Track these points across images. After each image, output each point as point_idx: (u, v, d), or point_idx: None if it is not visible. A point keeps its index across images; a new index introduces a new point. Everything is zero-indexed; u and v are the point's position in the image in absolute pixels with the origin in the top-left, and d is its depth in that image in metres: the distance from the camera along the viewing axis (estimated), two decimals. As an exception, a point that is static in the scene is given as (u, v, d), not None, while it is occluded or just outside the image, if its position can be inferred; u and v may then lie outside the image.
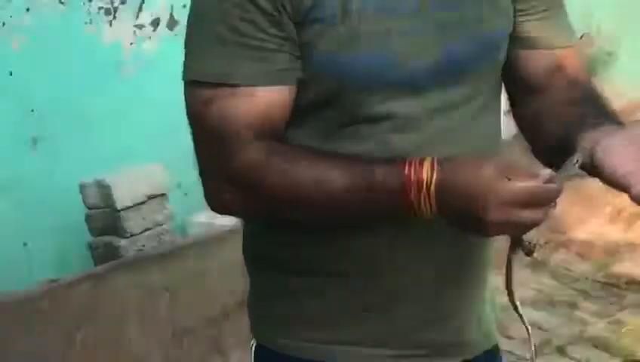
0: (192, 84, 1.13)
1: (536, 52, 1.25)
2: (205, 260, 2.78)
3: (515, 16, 1.22)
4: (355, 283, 1.22)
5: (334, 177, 1.09)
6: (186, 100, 1.16)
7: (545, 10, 1.23)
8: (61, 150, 2.82)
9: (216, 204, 1.18)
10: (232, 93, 1.12)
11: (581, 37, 4.67)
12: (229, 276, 2.69)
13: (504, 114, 1.31)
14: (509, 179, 0.99)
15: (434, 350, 1.24)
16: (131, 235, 2.77)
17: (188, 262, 2.75)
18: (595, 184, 1.16)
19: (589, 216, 3.83)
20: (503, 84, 1.31)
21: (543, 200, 0.99)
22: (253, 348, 1.31)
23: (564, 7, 1.30)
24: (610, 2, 4.53)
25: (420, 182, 1.02)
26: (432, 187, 1.02)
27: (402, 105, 1.14)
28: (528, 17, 1.23)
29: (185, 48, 1.14)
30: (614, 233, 3.85)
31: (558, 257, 3.65)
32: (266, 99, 1.12)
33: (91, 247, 2.80)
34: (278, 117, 1.14)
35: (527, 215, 0.98)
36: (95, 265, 2.71)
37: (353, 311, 1.24)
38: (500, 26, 1.20)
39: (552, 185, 1.01)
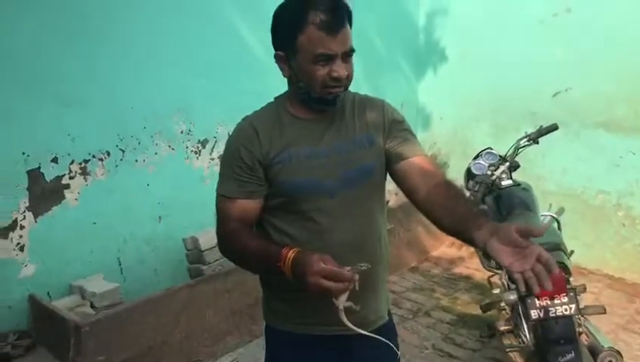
0: (217, 195, 1.69)
1: (403, 161, 1.65)
2: (245, 275, 2.91)
3: (386, 149, 1.66)
4: (296, 295, 1.64)
5: (253, 246, 1.57)
6: (215, 199, 1.71)
7: (402, 141, 1.67)
8: (175, 224, 3.85)
9: (220, 251, 1.76)
10: (227, 200, 1.66)
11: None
12: (257, 283, 3.20)
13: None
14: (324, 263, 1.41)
15: (342, 328, 1.55)
16: (209, 263, 3.75)
17: (237, 276, 3.54)
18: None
19: (439, 243, 4.93)
20: (384, 191, 1.75)
21: (337, 277, 1.40)
22: (264, 326, 1.88)
23: (413, 136, 1.71)
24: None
25: (285, 256, 1.48)
26: (290, 259, 1.47)
27: (323, 204, 1.63)
28: (393, 146, 1.67)
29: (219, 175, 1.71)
30: (452, 251, 4.91)
31: (424, 265, 4.73)
32: (241, 204, 1.64)
33: (189, 270, 3.83)
34: (249, 213, 1.66)
35: (327, 284, 1.40)
36: (190, 278, 3.72)
37: (294, 306, 1.72)
38: (372, 160, 1.66)
39: (343, 272, 1.41)
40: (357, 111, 1.71)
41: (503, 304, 3.21)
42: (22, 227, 3.20)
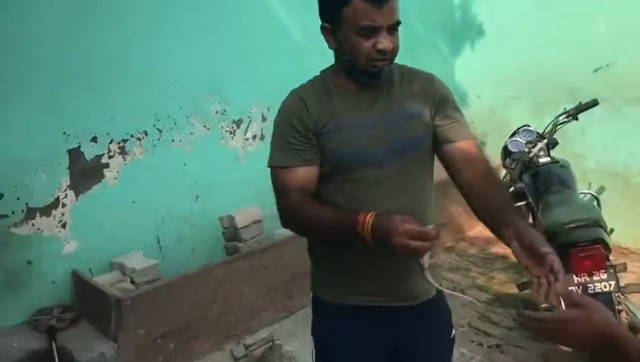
0: (271, 168, 1.69)
1: (450, 145, 1.65)
2: (281, 252, 3.68)
3: (434, 126, 1.66)
4: (346, 266, 1.69)
5: (327, 215, 1.57)
6: (271, 177, 1.71)
7: (452, 123, 1.66)
8: (211, 203, 3.90)
9: (282, 225, 1.70)
10: (285, 171, 1.65)
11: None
12: (293, 260, 3.65)
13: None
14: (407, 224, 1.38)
15: (395, 298, 1.68)
16: (245, 241, 3.81)
17: (272, 253, 3.68)
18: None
19: (475, 222, 4.59)
20: (432, 162, 1.73)
21: (422, 237, 1.38)
22: (311, 296, 1.86)
23: (462, 116, 1.71)
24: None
25: (364, 221, 1.46)
26: (369, 224, 1.44)
27: (371, 173, 1.62)
28: (442, 126, 1.66)
29: (270, 151, 1.72)
30: (488, 231, 4.97)
31: (460, 245, 4.72)
32: (301, 173, 1.64)
33: (225, 248, 3.89)
34: (309, 182, 1.65)
35: (415, 244, 1.37)
36: (227, 255, 3.76)
37: (347, 278, 1.72)
38: (421, 131, 1.65)
39: (429, 230, 1.39)
40: (406, 83, 1.70)
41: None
42: (64, 205, 3.29)
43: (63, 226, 3.31)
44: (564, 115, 3.41)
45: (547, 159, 3.32)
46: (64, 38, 3.20)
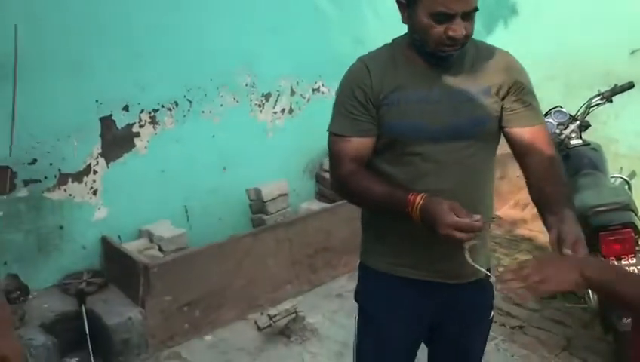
0: (330, 133, 1.69)
1: (519, 129, 1.65)
2: (306, 226, 3.70)
3: (505, 108, 1.63)
4: (397, 238, 1.70)
5: (378, 189, 1.59)
6: (327, 140, 1.70)
7: (525, 107, 1.65)
8: (238, 175, 3.93)
9: (333, 190, 1.84)
10: (342, 139, 1.65)
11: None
12: (318, 234, 3.72)
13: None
14: (455, 214, 1.43)
15: (442, 275, 1.70)
16: (271, 214, 3.85)
17: (298, 227, 3.69)
18: (503, 187, 1.91)
19: (502, 203, 4.81)
20: (496, 143, 1.71)
21: (467, 229, 1.42)
22: (358, 263, 1.87)
23: (535, 100, 1.68)
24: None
25: (413, 202, 1.49)
26: (418, 207, 1.49)
27: (428, 148, 1.60)
28: (514, 109, 1.64)
29: (332, 114, 1.70)
30: (515, 212, 4.80)
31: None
32: (356, 143, 1.64)
33: (251, 220, 3.95)
34: (364, 152, 1.65)
35: (459, 235, 1.42)
36: (253, 227, 3.84)
37: (397, 250, 1.72)
38: (486, 113, 1.61)
39: (475, 223, 1.42)
40: (478, 61, 1.65)
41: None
42: (95, 172, 3.35)
43: (94, 193, 3.37)
44: (598, 97, 3.34)
45: (579, 141, 3.27)
46: (98, 7, 3.23)
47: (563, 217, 1.48)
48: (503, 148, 1.78)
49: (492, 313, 1.88)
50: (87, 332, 2.95)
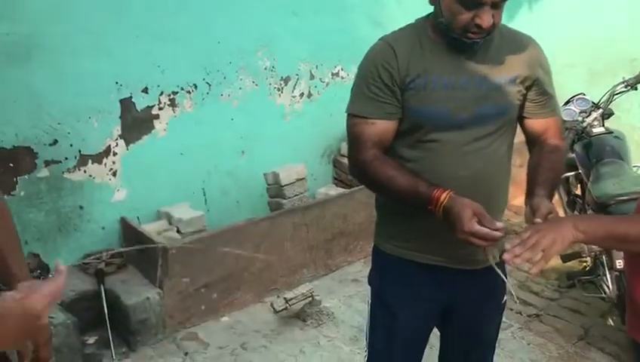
0: (349, 115, 1.63)
1: (535, 120, 1.69)
2: (323, 211, 3.71)
3: (527, 98, 1.65)
4: (413, 223, 1.68)
5: (401, 181, 1.55)
6: (346, 122, 1.65)
7: (546, 99, 1.67)
8: (256, 159, 3.94)
9: (352, 175, 1.72)
10: (364, 122, 1.60)
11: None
12: (335, 219, 3.73)
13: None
14: (478, 220, 1.41)
15: (456, 261, 1.70)
16: (288, 198, 3.86)
17: (315, 211, 3.70)
18: (523, 175, 1.64)
19: (520, 191, 4.89)
20: (514, 130, 1.71)
21: (486, 238, 1.41)
22: (372, 247, 1.87)
23: (554, 91, 1.70)
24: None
25: (437, 201, 1.48)
26: (442, 205, 1.47)
27: (450, 135, 1.59)
28: (536, 100, 1.67)
29: (350, 95, 1.65)
30: None
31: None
32: (380, 126, 1.59)
33: (269, 204, 3.97)
34: (387, 136, 1.61)
35: (477, 242, 1.42)
36: (270, 211, 3.86)
37: (411, 234, 1.71)
38: (510, 100, 1.61)
39: (494, 233, 1.40)
40: (504, 47, 1.62)
41: (584, 255, 3.14)
42: (114, 153, 3.38)
43: (114, 174, 3.40)
44: (622, 85, 3.28)
45: (601, 129, 3.22)
46: (119, -12, 3.22)
47: (540, 198, 1.52)
48: (523, 136, 1.77)
49: (505, 297, 1.86)
50: (106, 312, 2.98)
